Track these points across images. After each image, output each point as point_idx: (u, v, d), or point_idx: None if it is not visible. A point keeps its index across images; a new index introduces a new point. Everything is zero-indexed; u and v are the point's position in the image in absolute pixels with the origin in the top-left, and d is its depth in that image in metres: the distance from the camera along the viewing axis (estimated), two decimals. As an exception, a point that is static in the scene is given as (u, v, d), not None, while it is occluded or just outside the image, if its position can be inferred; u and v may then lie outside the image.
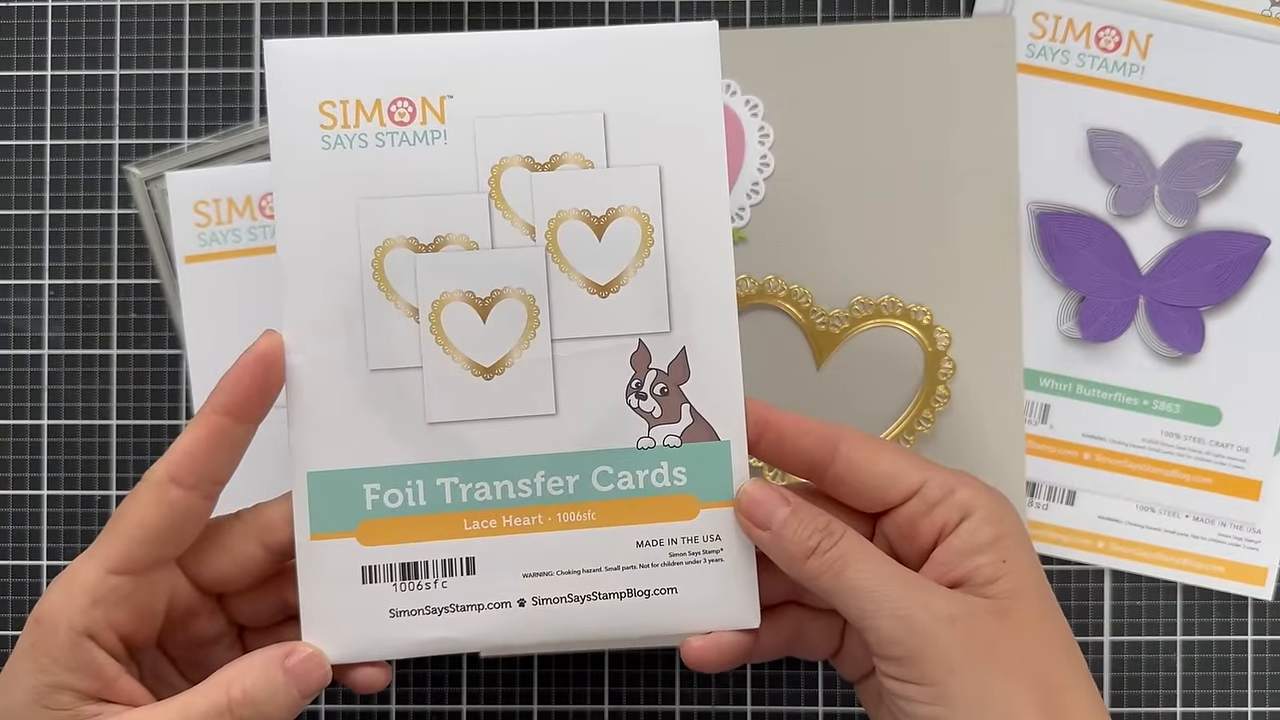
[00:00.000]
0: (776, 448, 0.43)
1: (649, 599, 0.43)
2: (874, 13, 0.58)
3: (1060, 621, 0.42)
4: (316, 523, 0.42)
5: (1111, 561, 0.57)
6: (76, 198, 0.57)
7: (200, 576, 0.43)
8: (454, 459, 0.43)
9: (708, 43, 0.43)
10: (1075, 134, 0.57)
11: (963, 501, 0.42)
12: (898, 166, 0.56)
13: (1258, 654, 0.57)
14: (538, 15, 0.58)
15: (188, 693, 0.40)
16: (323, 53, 0.43)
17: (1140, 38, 0.57)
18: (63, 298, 0.57)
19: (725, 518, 0.43)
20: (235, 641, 0.45)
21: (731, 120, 0.56)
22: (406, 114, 0.42)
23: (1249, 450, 0.57)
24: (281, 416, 0.42)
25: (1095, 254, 0.56)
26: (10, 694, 0.39)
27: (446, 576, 0.43)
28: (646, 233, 0.43)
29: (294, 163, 0.42)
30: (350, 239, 0.42)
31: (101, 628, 0.40)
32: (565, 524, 0.43)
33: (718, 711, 0.57)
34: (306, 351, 0.42)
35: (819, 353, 0.56)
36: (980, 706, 0.39)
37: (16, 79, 0.58)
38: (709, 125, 0.43)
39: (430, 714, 0.57)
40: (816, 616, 0.46)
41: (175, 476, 0.41)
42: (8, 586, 0.57)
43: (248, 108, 0.58)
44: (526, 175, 0.43)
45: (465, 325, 0.43)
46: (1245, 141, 0.56)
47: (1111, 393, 0.57)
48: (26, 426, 0.57)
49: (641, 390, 0.43)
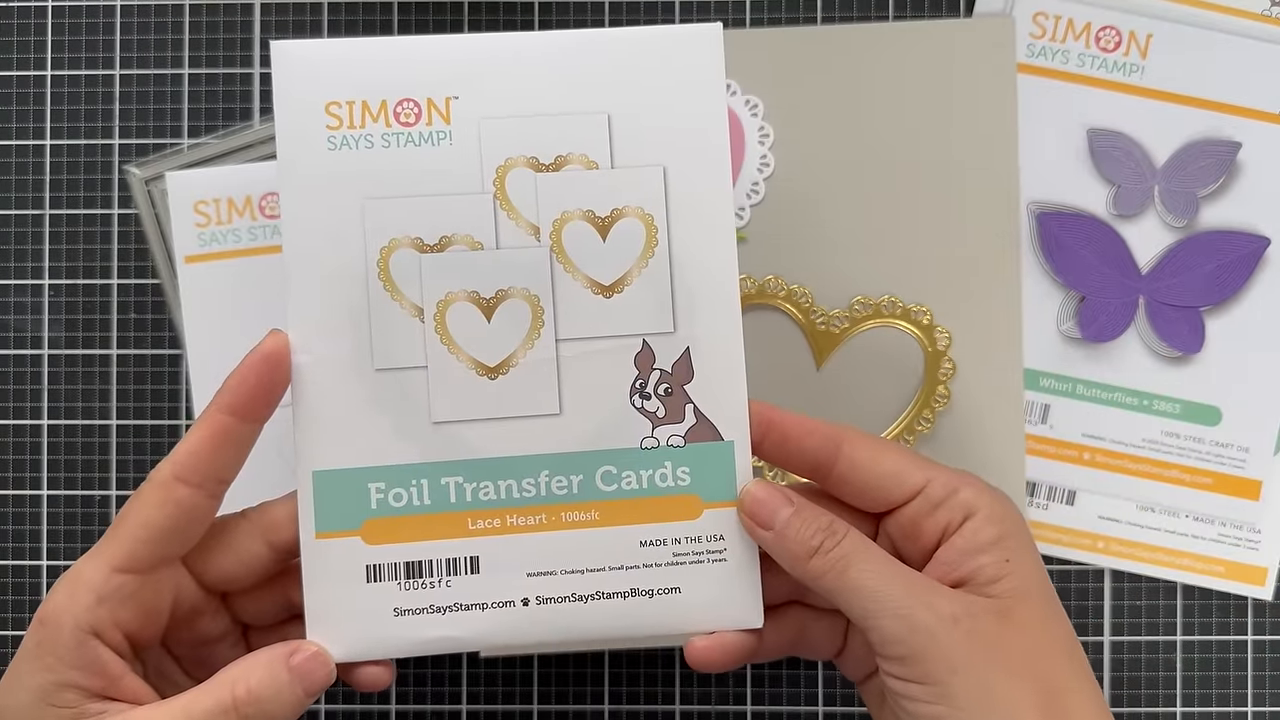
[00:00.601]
0: (780, 448, 0.43)
1: (652, 599, 0.43)
2: (874, 13, 0.58)
3: (1063, 622, 0.42)
4: (321, 521, 0.42)
5: (1111, 561, 0.57)
6: (76, 198, 0.57)
7: (205, 575, 0.43)
8: (458, 458, 0.43)
9: (712, 43, 0.43)
10: (1075, 134, 0.57)
11: (966, 501, 0.42)
12: (898, 166, 0.56)
13: (1258, 654, 0.57)
14: (538, 16, 0.58)
15: (192, 691, 0.40)
16: (328, 53, 0.43)
17: (1140, 38, 0.57)
18: (63, 298, 0.57)
19: (729, 518, 0.43)
20: (240, 640, 0.45)
21: (731, 120, 0.56)
22: (412, 115, 0.42)
23: (1249, 450, 0.57)
24: (286, 416, 0.42)
25: (1095, 254, 0.57)
26: (15, 693, 0.39)
27: (451, 576, 0.43)
28: (651, 233, 0.43)
29: (300, 163, 0.42)
30: (356, 239, 0.42)
31: (107, 626, 0.40)
32: (569, 524, 0.43)
33: (718, 711, 0.57)
34: (312, 351, 0.42)
35: (819, 353, 0.57)
36: (983, 707, 0.39)
37: (16, 79, 0.57)
38: (713, 126, 0.43)
39: (430, 714, 0.57)
40: (819, 616, 0.46)
41: (181, 475, 0.41)
42: (8, 586, 0.57)
43: (248, 108, 0.57)
44: (531, 176, 0.43)
45: (470, 325, 0.43)
46: (1245, 141, 0.56)
47: (1111, 393, 0.57)
48: (26, 426, 0.57)
49: (645, 390, 0.43)
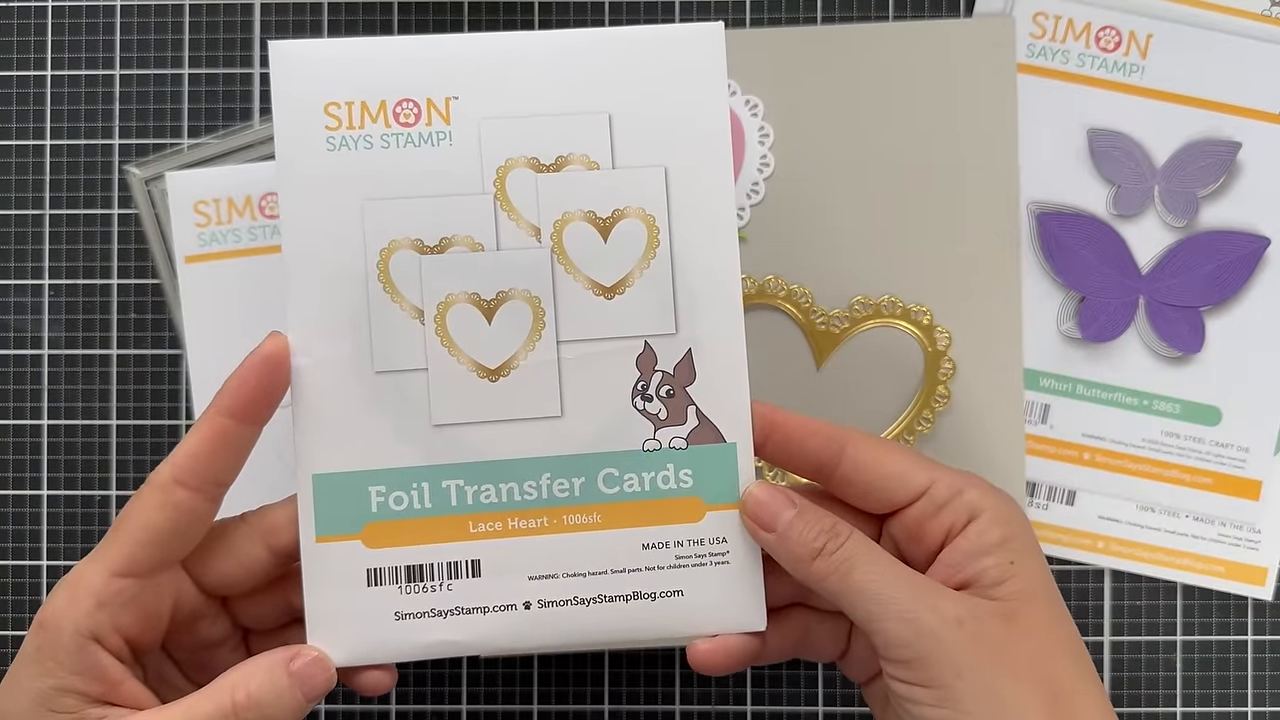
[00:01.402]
0: (783, 449, 0.43)
1: (655, 602, 0.43)
2: (874, 13, 0.58)
3: (1068, 624, 0.42)
4: (322, 525, 0.42)
5: (1111, 561, 0.57)
6: (76, 198, 0.57)
7: (205, 579, 0.43)
8: (459, 461, 0.42)
9: (713, 43, 0.43)
10: (1075, 134, 0.57)
11: (970, 503, 0.42)
12: (898, 166, 0.56)
13: (1258, 654, 0.57)
14: (538, 16, 0.58)
15: (192, 696, 0.40)
16: (328, 53, 0.42)
17: (1140, 38, 0.57)
18: (63, 298, 0.57)
19: (732, 520, 0.43)
20: (240, 644, 0.45)
21: (732, 120, 0.56)
22: (411, 115, 0.42)
23: (1249, 450, 0.57)
24: (287, 417, 0.42)
25: (1095, 254, 0.56)
26: (15, 698, 0.39)
27: (452, 579, 0.42)
28: (652, 234, 0.43)
29: (299, 164, 0.42)
30: (355, 241, 0.42)
31: (106, 631, 0.40)
32: (571, 526, 0.43)
33: (718, 711, 0.57)
34: (311, 353, 0.42)
35: (819, 353, 0.56)
36: (988, 710, 0.39)
37: (16, 79, 0.57)
38: (715, 126, 0.43)
39: (430, 714, 0.57)
40: (823, 619, 0.46)
41: (180, 478, 0.40)
42: (8, 587, 0.57)
43: (248, 108, 0.57)
44: (532, 176, 0.43)
45: (471, 327, 0.42)
46: (1245, 141, 0.56)
47: (1111, 393, 0.57)
48: (26, 426, 0.57)
49: (647, 392, 0.43)
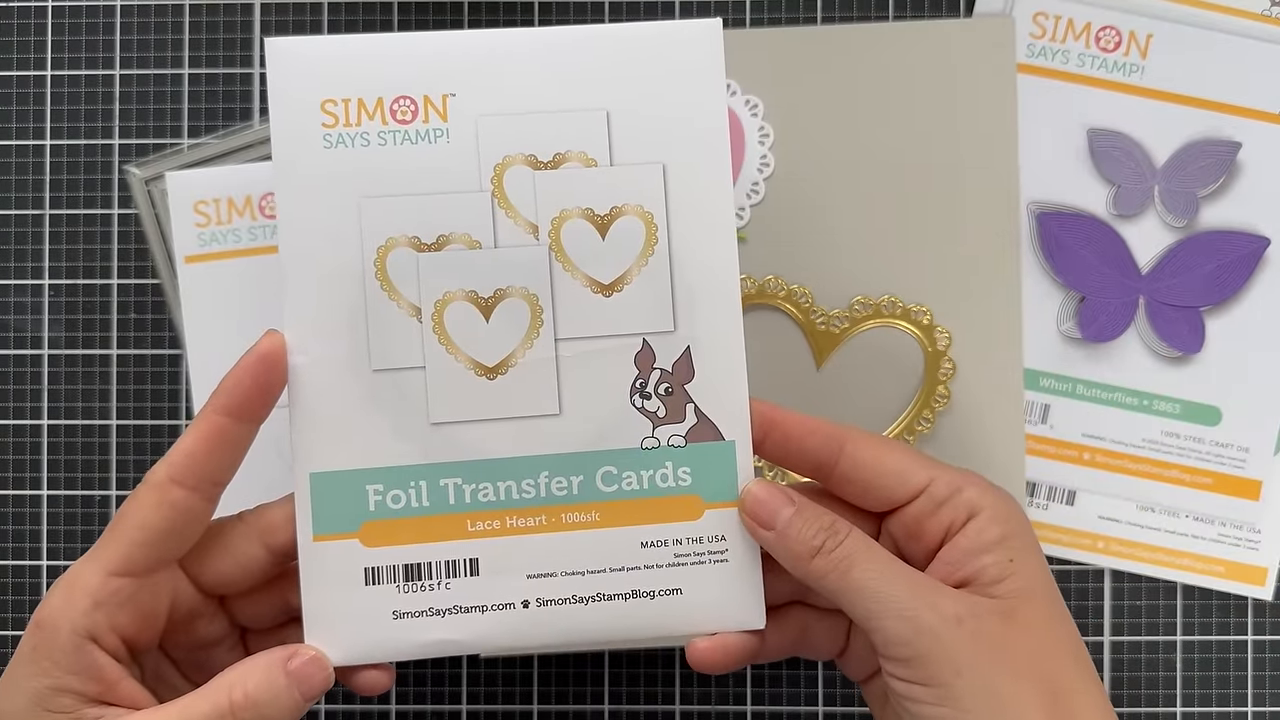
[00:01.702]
0: (782, 447, 0.43)
1: (654, 600, 0.43)
2: (874, 13, 0.58)
3: (1068, 623, 0.42)
4: (319, 524, 0.42)
5: (1111, 561, 0.57)
6: (76, 198, 0.57)
7: (202, 578, 0.43)
8: (457, 459, 0.42)
9: (712, 39, 0.43)
10: (1075, 134, 0.57)
11: (970, 500, 0.42)
12: (898, 166, 0.56)
13: (1258, 654, 0.57)
14: (537, 15, 0.58)
15: (189, 695, 0.40)
16: (324, 51, 0.42)
17: (1140, 38, 0.56)
18: (63, 298, 0.57)
19: (730, 518, 0.43)
20: (237, 643, 0.45)
21: (731, 120, 0.56)
22: (408, 112, 0.42)
23: (1249, 450, 0.57)
24: (283, 417, 0.42)
25: (1095, 254, 0.56)
26: (11, 698, 0.39)
27: (450, 578, 0.42)
28: (650, 231, 0.43)
29: (296, 162, 0.42)
30: (352, 238, 0.42)
31: (103, 630, 0.40)
32: (569, 525, 0.43)
33: (718, 711, 0.57)
34: (309, 352, 0.42)
35: (819, 353, 0.56)
36: (987, 708, 0.39)
37: (16, 79, 0.57)
38: (713, 123, 0.43)
39: (430, 714, 0.57)
40: (822, 617, 0.45)
41: (176, 478, 0.40)
42: (8, 586, 0.57)
43: (248, 108, 0.57)
44: (529, 174, 0.42)
45: (468, 325, 0.42)
46: (1245, 141, 0.56)
47: (1111, 393, 0.57)
48: (26, 426, 0.57)
49: (646, 390, 0.43)
